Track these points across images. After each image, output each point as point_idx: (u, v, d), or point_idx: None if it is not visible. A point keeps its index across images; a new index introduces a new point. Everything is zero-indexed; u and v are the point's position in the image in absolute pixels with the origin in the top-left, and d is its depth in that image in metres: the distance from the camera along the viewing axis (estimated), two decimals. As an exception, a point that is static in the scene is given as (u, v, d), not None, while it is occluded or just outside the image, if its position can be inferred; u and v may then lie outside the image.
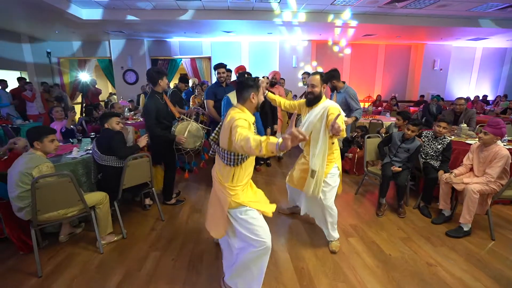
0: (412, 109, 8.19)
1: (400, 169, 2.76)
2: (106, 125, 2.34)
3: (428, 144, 2.91)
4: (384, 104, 8.84)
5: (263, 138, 1.14)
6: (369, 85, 10.06)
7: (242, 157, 1.47)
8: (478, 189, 2.28)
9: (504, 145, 2.95)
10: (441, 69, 9.91)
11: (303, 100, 2.23)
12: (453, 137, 3.42)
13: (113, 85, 8.98)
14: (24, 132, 4.91)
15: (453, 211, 2.66)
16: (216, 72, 3.32)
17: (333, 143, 2.07)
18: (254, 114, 1.53)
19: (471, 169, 2.55)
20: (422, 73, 9.81)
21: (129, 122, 4.80)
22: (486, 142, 2.38)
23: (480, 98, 9.80)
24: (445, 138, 2.83)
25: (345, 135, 1.68)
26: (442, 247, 2.25)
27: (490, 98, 10.41)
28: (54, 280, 1.86)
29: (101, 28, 6.70)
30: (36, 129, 1.91)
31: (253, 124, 1.51)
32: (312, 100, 2.06)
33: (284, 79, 6.20)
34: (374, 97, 9.14)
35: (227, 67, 3.49)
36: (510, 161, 2.31)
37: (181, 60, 8.95)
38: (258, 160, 4.28)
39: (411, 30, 7.30)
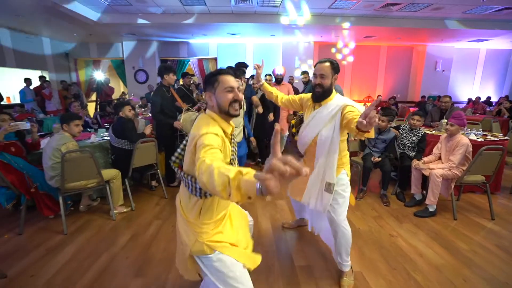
0: (412, 109, 8.38)
1: (380, 159, 3.07)
2: (120, 114, 2.76)
3: (405, 136, 3.21)
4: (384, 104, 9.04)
5: (233, 173, 0.71)
6: (371, 85, 10.27)
7: None
8: (440, 174, 2.58)
9: (477, 138, 3.22)
10: (443, 71, 10.03)
11: (306, 95, 1.84)
12: (434, 131, 3.69)
13: (124, 84, 9.54)
14: (46, 125, 5.46)
15: (424, 196, 2.95)
16: None
17: (350, 140, 1.79)
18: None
19: (440, 158, 2.84)
20: (424, 74, 9.95)
21: (139, 117, 5.26)
22: (452, 133, 2.67)
23: (484, 99, 9.89)
24: (419, 130, 3.12)
25: (373, 136, 1.38)
26: (407, 224, 2.56)
27: (494, 99, 10.43)
28: (77, 237, 2.29)
29: (115, 30, 7.23)
30: (67, 114, 2.37)
31: (230, 135, 1.16)
32: (320, 94, 1.62)
33: (292, 76, 6.51)
34: (375, 97, 9.37)
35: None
36: (471, 149, 2.59)
37: (189, 60, 9.43)
38: (252, 155, 4.13)
39: (410, 32, 7.52)
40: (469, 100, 9.85)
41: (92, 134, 3.36)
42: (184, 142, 1.19)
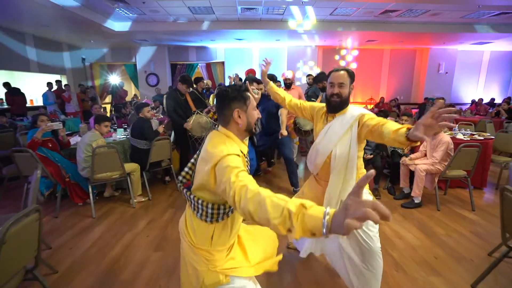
0: (414, 110, 8.58)
1: (372, 156, 3.36)
2: (140, 114, 3.15)
3: (396, 135, 3.49)
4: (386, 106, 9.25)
5: (293, 205, 0.66)
6: (375, 88, 10.47)
7: (227, 209, 1.02)
8: (424, 168, 2.86)
9: (464, 137, 3.48)
10: (446, 73, 10.16)
11: (319, 104, 1.69)
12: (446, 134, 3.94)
13: (136, 87, 10.04)
14: (67, 125, 5.93)
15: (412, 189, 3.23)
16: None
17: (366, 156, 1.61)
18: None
19: (426, 155, 3.11)
20: (427, 77, 10.10)
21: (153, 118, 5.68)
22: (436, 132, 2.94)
23: (488, 101, 9.96)
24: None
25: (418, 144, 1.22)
26: (394, 214, 2.84)
27: (498, 101, 10.48)
28: (103, 220, 2.67)
29: (129, 37, 7.72)
30: (100, 116, 2.81)
31: (246, 156, 1.09)
32: (337, 105, 1.48)
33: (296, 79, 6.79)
34: (378, 100, 9.58)
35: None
36: (452, 147, 2.86)
37: (197, 64, 9.86)
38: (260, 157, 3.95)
39: (412, 36, 7.74)
40: (473, 101, 9.94)
41: (113, 133, 3.76)
42: (192, 160, 1.12)
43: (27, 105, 6.76)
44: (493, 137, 3.58)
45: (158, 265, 1.99)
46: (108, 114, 6.65)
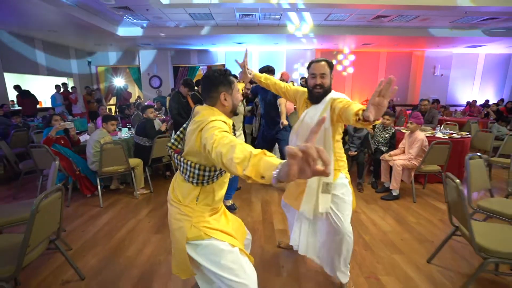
0: (408, 111, 8.82)
1: (356, 153, 3.64)
2: (144, 115, 3.47)
3: (379, 134, 3.76)
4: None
5: (256, 151, 0.74)
6: (371, 90, 10.71)
7: (212, 173, 1.09)
8: (400, 163, 3.13)
9: (443, 136, 3.74)
10: (441, 75, 10.39)
11: (303, 89, 1.72)
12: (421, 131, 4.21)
13: (140, 89, 10.41)
14: (75, 126, 6.26)
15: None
16: None
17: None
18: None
19: (404, 151, 3.38)
20: (423, 79, 10.34)
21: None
22: (412, 130, 3.22)
23: (483, 102, 10.16)
24: (390, 129, 3.67)
25: (379, 121, 1.28)
26: (373, 205, 3.12)
27: (493, 102, 10.67)
28: (110, 209, 2.98)
29: (134, 41, 8.08)
30: (108, 116, 3.14)
31: (233, 129, 1.18)
32: (320, 95, 1.53)
33: (293, 81, 7.11)
34: (373, 101, 9.85)
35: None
36: (426, 144, 3.13)
37: (199, 67, 10.21)
38: None
39: (406, 39, 7.99)
40: (468, 103, 10.15)
41: (118, 132, 4.08)
42: (184, 125, 1.20)
43: (37, 106, 7.12)
44: (470, 136, 3.83)
45: (158, 244, 2.29)
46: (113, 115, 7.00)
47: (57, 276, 1.88)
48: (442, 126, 4.89)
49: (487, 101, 10.31)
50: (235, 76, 1.21)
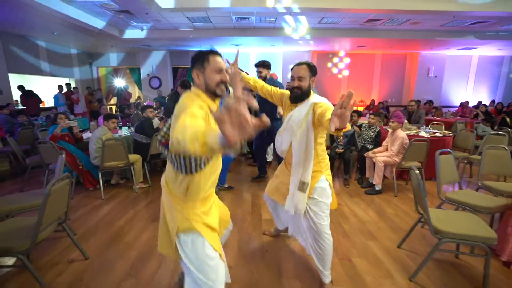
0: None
1: (343, 150, 3.86)
2: (144, 114, 3.70)
3: (365, 132, 3.98)
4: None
5: (203, 127, 0.84)
6: (367, 91, 10.93)
7: (199, 161, 1.11)
8: (382, 160, 3.35)
9: (426, 134, 3.96)
10: (435, 76, 10.61)
11: (287, 92, 1.79)
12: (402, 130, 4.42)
13: (140, 89, 10.64)
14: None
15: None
16: (256, 70, 3.35)
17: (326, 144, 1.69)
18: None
19: (387, 149, 3.60)
20: (417, 80, 10.56)
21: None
22: (394, 128, 3.44)
23: (475, 104, 10.38)
24: (376, 128, 3.89)
25: (349, 128, 1.31)
26: (356, 198, 3.33)
27: (486, 103, 10.89)
28: (110, 201, 3.20)
29: (134, 43, 8.31)
30: (108, 114, 3.36)
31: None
32: (298, 96, 1.61)
33: (289, 82, 7.31)
34: (368, 102, 10.07)
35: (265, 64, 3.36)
36: (407, 141, 3.35)
37: (197, 68, 10.43)
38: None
39: (399, 41, 8.21)
40: (460, 104, 10.37)
41: (118, 130, 4.30)
42: (169, 121, 1.19)
43: (40, 106, 7.34)
44: (451, 135, 4.05)
45: (154, 231, 2.50)
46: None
47: (64, 256, 2.10)
48: (429, 126, 5.12)
49: (480, 102, 10.53)
50: (219, 53, 1.17)
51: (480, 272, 1.89)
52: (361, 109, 10.02)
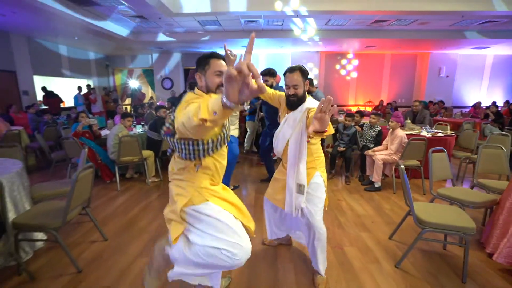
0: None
1: (344, 148, 4.00)
2: (157, 114, 3.99)
3: (367, 132, 4.11)
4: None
5: (203, 102, 0.84)
6: (376, 91, 10.89)
7: (206, 146, 1.15)
8: (381, 158, 3.48)
9: (427, 134, 4.04)
10: (447, 76, 10.46)
11: (284, 95, 1.80)
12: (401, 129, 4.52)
13: (153, 90, 11.07)
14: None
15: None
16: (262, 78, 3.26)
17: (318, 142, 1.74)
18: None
19: (387, 147, 3.72)
20: (428, 80, 10.44)
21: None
22: (393, 128, 3.56)
23: (489, 104, 10.16)
24: (377, 127, 4.01)
25: (332, 131, 1.40)
26: (355, 195, 3.47)
27: (500, 104, 10.62)
28: (125, 193, 3.50)
29: (148, 46, 8.71)
30: (124, 113, 3.66)
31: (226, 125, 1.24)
32: (295, 103, 1.66)
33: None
34: (377, 102, 10.06)
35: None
36: (405, 140, 3.46)
37: (208, 69, 10.75)
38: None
39: (407, 42, 8.19)
40: (473, 105, 10.18)
41: (133, 128, 4.62)
42: (172, 117, 1.23)
43: (61, 105, 7.84)
44: (453, 135, 4.11)
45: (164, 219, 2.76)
46: (128, 114, 7.64)
47: (86, 237, 2.38)
48: (434, 126, 5.16)
49: (494, 102, 10.29)
50: (221, 56, 1.22)
51: (462, 260, 2.02)
52: (369, 109, 10.04)
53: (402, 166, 1.99)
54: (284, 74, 1.71)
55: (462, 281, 1.84)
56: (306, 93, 1.70)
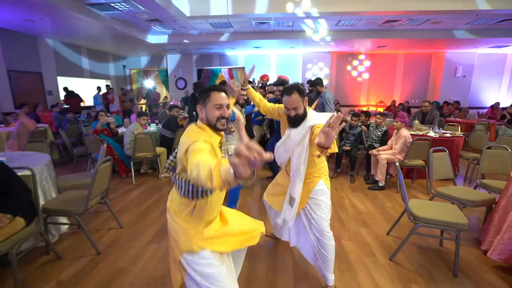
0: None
1: (350, 147, 4.08)
2: (171, 113, 4.23)
3: (372, 132, 4.16)
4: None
5: (213, 163, 0.86)
6: (388, 91, 10.75)
7: (205, 189, 1.17)
8: (385, 157, 3.53)
9: (434, 135, 4.04)
10: (463, 76, 10.18)
11: (283, 107, 1.74)
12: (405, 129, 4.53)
13: (167, 89, 11.46)
14: (112, 121, 7.30)
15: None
16: (275, 89, 3.38)
17: (319, 156, 1.66)
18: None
19: (392, 147, 3.76)
20: (443, 80, 10.19)
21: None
22: (398, 128, 3.61)
23: (509, 105, 9.80)
24: (383, 127, 4.06)
25: (336, 150, 1.35)
26: (359, 193, 3.55)
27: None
28: (140, 186, 3.75)
29: (162, 47, 9.05)
30: (140, 112, 3.94)
31: (219, 144, 1.26)
32: (298, 121, 1.64)
33: (303, 83, 7.61)
34: (389, 103, 9.94)
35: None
36: (410, 140, 3.50)
37: (220, 70, 11.01)
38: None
39: (420, 41, 8.05)
40: (491, 105, 9.86)
41: (147, 126, 4.90)
42: (176, 150, 1.25)
43: (81, 105, 8.31)
44: (462, 135, 4.08)
45: (175, 211, 2.96)
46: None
47: (104, 225, 2.63)
48: (445, 126, 5.12)
49: (514, 103, 9.92)
50: (221, 89, 1.25)
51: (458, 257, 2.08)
52: (380, 110, 9.93)
53: (397, 164, 2.08)
54: (281, 95, 1.68)
55: (454, 275, 1.91)
56: (307, 109, 1.66)
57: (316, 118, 1.62)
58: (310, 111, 1.68)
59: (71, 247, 2.27)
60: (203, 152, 1.01)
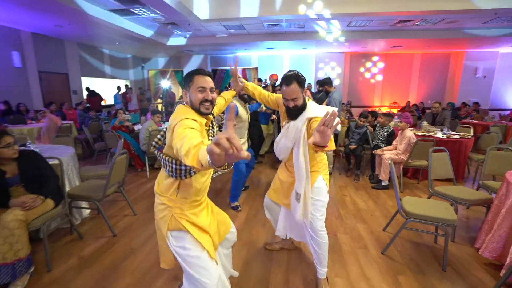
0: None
1: (355, 146, 4.15)
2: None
3: (378, 132, 4.20)
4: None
5: (197, 141, 0.86)
6: (404, 92, 10.53)
7: (188, 167, 1.18)
8: (388, 157, 3.58)
9: (442, 136, 4.03)
10: (484, 76, 9.81)
11: (281, 95, 1.71)
12: (414, 130, 4.52)
13: (182, 89, 11.85)
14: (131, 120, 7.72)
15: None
16: None
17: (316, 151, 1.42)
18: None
19: (396, 147, 3.80)
20: (462, 81, 9.88)
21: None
22: (402, 128, 3.65)
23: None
24: (389, 128, 4.09)
25: (334, 148, 1.38)
26: (362, 191, 3.63)
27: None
28: (154, 179, 3.95)
29: (179, 49, 9.43)
30: (154, 110, 4.19)
31: (207, 126, 1.27)
32: (297, 113, 1.60)
33: (310, 84, 7.71)
34: (403, 104, 9.77)
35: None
36: (413, 140, 3.53)
37: (233, 70, 11.26)
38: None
39: (439, 40, 7.81)
40: (515, 107, 9.44)
41: (162, 124, 5.20)
42: (164, 129, 1.28)
43: (102, 103, 8.84)
44: (471, 137, 4.04)
45: (184, 203, 3.19)
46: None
47: (120, 212, 2.90)
48: (457, 128, 5.04)
49: (539, 105, 9.43)
50: (205, 73, 1.25)
51: (449, 253, 2.15)
52: (394, 111, 9.77)
53: (390, 162, 2.17)
54: (280, 85, 1.62)
55: (442, 270, 1.99)
56: (306, 100, 1.63)
57: (315, 110, 1.57)
58: (310, 102, 1.63)
59: (91, 229, 2.55)
60: (193, 130, 1.02)
